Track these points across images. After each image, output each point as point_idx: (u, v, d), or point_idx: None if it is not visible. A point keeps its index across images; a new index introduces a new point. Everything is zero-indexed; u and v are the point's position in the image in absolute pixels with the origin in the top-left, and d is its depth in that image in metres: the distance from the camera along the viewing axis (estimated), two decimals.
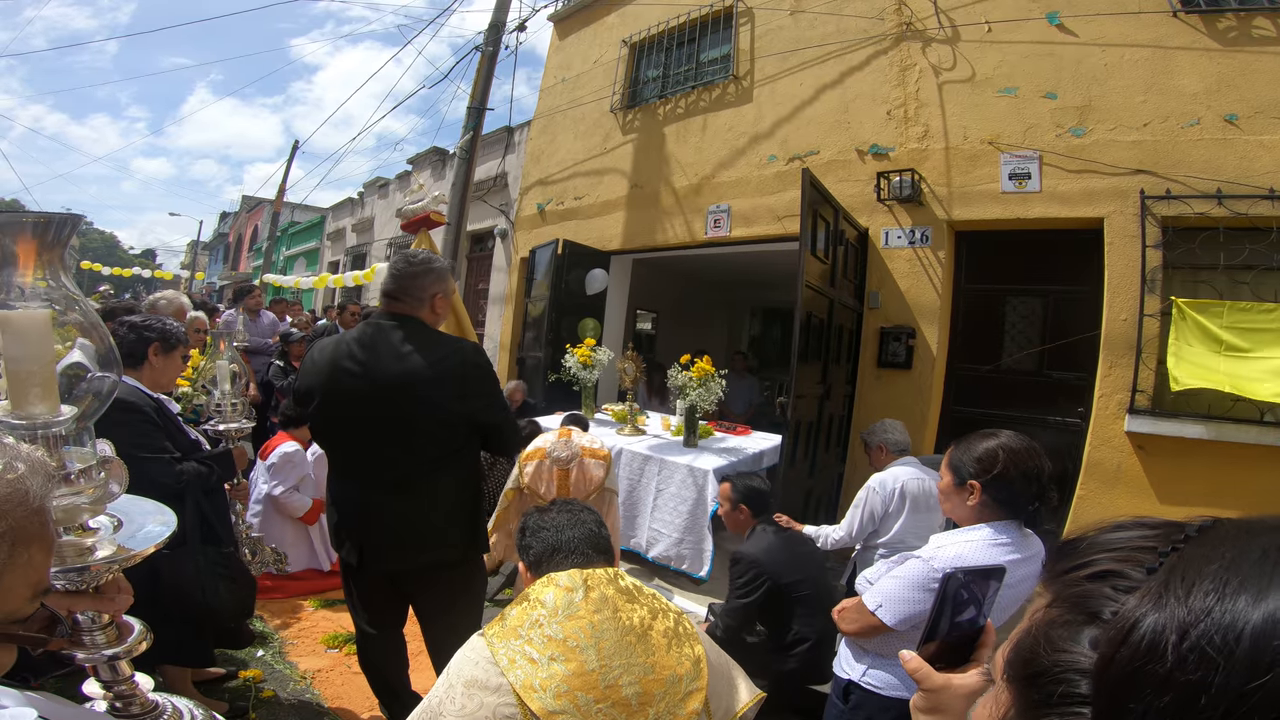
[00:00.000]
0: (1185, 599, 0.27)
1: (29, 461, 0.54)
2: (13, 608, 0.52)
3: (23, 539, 0.51)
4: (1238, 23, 3.33)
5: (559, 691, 0.96)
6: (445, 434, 1.69)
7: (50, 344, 0.73)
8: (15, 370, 0.70)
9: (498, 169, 8.14)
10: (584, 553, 1.18)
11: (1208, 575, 0.27)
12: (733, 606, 2.18)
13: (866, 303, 4.42)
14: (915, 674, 0.66)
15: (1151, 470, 3.34)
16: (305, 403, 1.77)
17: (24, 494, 0.52)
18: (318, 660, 2.52)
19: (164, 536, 0.76)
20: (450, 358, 1.68)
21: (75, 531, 0.71)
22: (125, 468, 0.78)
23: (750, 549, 2.20)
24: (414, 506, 1.68)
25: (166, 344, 1.94)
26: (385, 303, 1.77)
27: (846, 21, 4.72)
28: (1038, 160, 3.81)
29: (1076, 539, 0.37)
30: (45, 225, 0.71)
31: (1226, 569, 0.27)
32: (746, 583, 2.13)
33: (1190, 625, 0.26)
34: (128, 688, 0.78)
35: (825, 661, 2.08)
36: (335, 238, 14.52)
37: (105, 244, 44.84)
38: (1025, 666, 0.33)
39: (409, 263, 1.76)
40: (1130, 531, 0.35)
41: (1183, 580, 0.27)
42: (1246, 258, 3.21)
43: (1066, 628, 0.31)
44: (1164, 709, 0.25)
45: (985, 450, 1.31)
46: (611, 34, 6.60)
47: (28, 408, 0.70)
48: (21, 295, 0.71)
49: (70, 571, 0.68)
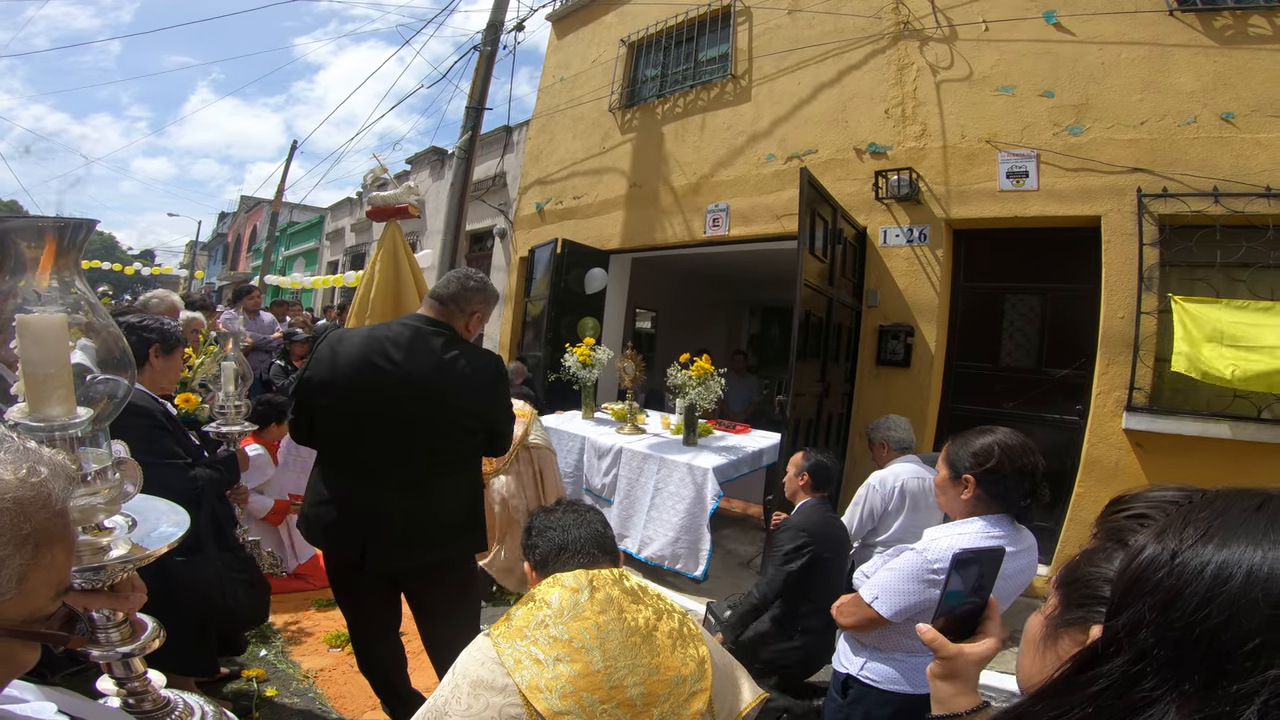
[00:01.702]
0: (1178, 536, 0.36)
1: (51, 465, 0.55)
2: (37, 606, 0.54)
3: (46, 540, 0.53)
4: (1234, 21, 3.35)
5: (565, 692, 0.96)
6: (469, 438, 1.75)
7: (66, 347, 0.74)
8: (33, 373, 0.71)
9: (496, 168, 8.14)
10: (590, 552, 1.19)
11: (1197, 522, 0.37)
12: (775, 576, 2.24)
13: (865, 301, 4.43)
14: (932, 644, 0.75)
15: (1150, 467, 3.36)
16: (316, 394, 1.71)
17: (47, 497, 0.53)
18: (320, 659, 2.53)
19: (177, 536, 0.77)
20: (488, 367, 1.77)
21: (91, 531, 0.73)
22: (139, 468, 0.79)
23: (799, 519, 2.28)
24: (424, 505, 1.69)
25: (166, 345, 1.91)
26: (430, 305, 1.79)
27: (844, 20, 4.73)
28: (1035, 159, 3.83)
29: (1124, 495, 0.50)
30: (62, 229, 0.72)
31: (1210, 520, 0.36)
32: (794, 550, 2.19)
33: (1175, 553, 0.35)
34: (140, 684, 0.79)
35: (824, 656, 2.11)
36: (334, 238, 14.52)
37: (104, 245, 44.72)
38: (1069, 574, 0.46)
39: (470, 277, 1.82)
40: (1166, 491, 0.48)
41: (1181, 523, 0.37)
42: (1243, 255, 3.22)
43: (1102, 551, 0.43)
44: (1153, 606, 0.35)
45: (981, 445, 1.33)
46: (610, 33, 6.61)
47: (46, 410, 0.72)
48: (38, 299, 0.73)
49: (86, 570, 0.70)
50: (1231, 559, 0.32)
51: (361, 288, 3.17)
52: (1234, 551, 0.33)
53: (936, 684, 0.75)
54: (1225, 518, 0.35)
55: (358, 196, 13.34)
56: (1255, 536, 0.33)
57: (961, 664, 0.73)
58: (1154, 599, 0.34)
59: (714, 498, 3.27)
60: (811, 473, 2.31)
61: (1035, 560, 1.41)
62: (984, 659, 0.73)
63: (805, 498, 2.33)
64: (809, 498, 2.32)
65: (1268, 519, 0.34)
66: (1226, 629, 0.31)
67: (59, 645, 0.59)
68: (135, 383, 0.83)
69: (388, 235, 3.18)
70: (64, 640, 0.59)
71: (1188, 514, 0.37)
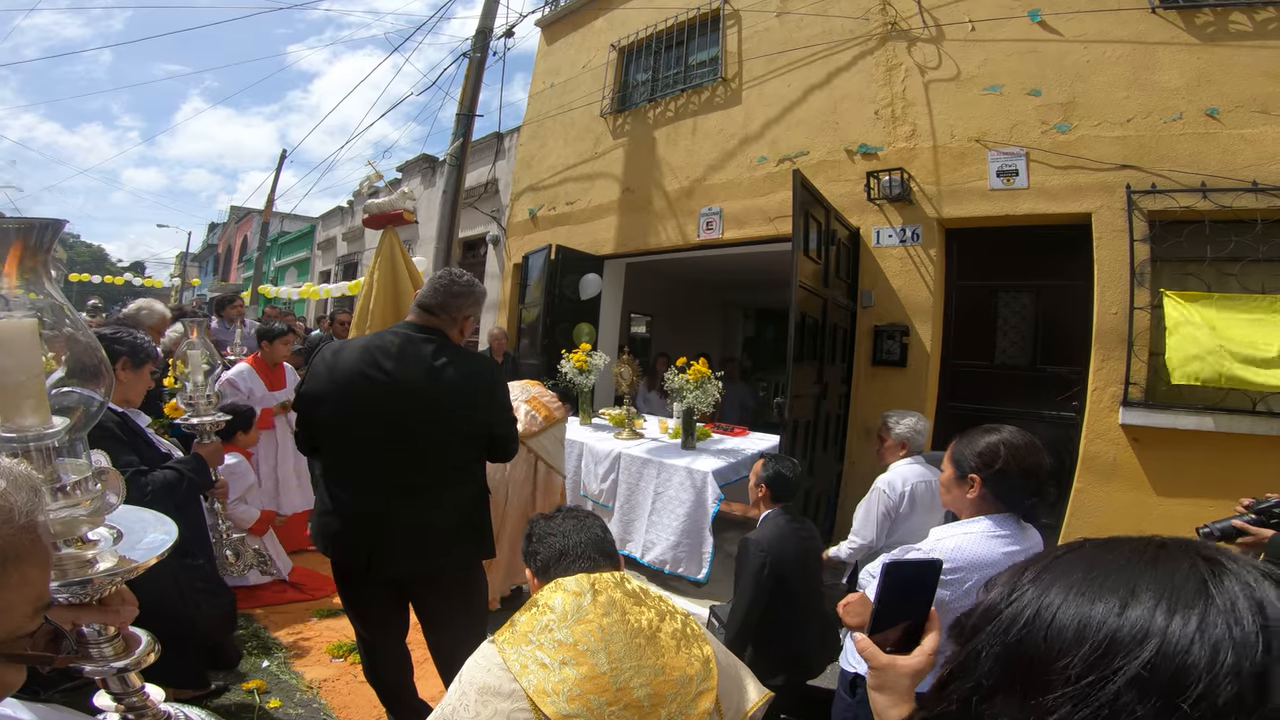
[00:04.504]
0: (1014, 581, 0.45)
1: (10, 476, 0.52)
2: (14, 625, 0.51)
3: (13, 557, 0.50)
4: (1215, 18, 3.39)
5: (572, 695, 0.96)
6: (468, 444, 1.74)
7: (38, 354, 0.71)
8: (4, 382, 0.68)
9: (489, 175, 8.14)
10: (590, 557, 1.19)
11: (1031, 568, 0.45)
12: (738, 606, 2.15)
13: (860, 302, 4.44)
14: (864, 654, 0.76)
15: (1147, 462, 3.37)
16: (314, 407, 1.73)
17: (8, 511, 0.51)
18: (323, 670, 2.49)
19: (166, 547, 0.75)
20: (481, 374, 1.75)
21: (75, 544, 0.70)
22: (122, 478, 0.77)
23: (758, 536, 2.20)
24: (425, 513, 1.68)
25: (135, 359, 1.91)
26: (418, 314, 1.77)
27: (832, 22, 4.76)
28: (1024, 157, 3.86)
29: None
30: (27, 231, 0.69)
31: (1041, 569, 0.44)
32: (757, 572, 2.11)
33: (1012, 591, 0.44)
34: (139, 699, 0.77)
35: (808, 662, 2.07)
36: (326, 247, 14.46)
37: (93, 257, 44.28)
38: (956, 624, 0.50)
39: (454, 280, 1.78)
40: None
41: (1020, 571, 0.45)
42: (1232, 250, 3.25)
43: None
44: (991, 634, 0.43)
45: (987, 445, 1.32)
46: (600, 38, 6.63)
47: (19, 420, 0.69)
48: (6, 305, 0.70)
49: (73, 585, 0.67)
50: (1049, 600, 0.40)
51: (361, 298, 3.15)
52: (1052, 594, 0.41)
53: (873, 695, 0.76)
54: (1055, 563, 0.44)
55: (349, 205, 13.31)
56: (1074, 581, 0.41)
57: (893, 676, 0.74)
58: (992, 628, 0.42)
59: (715, 500, 3.26)
60: (769, 483, 2.26)
61: None
62: (917, 671, 0.74)
63: (766, 509, 2.28)
64: (769, 509, 2.28)
65: (1083, 567, 0.42)
66: (1044, 652, 0.39)
67: (45, 666, 0.57)
68: (113, 390, 0.80)
69: (385, 243, 3.17)
70: (49, 660, 0.57)
71: (1027, 564, 0.46)
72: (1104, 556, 0.42)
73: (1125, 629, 0.36)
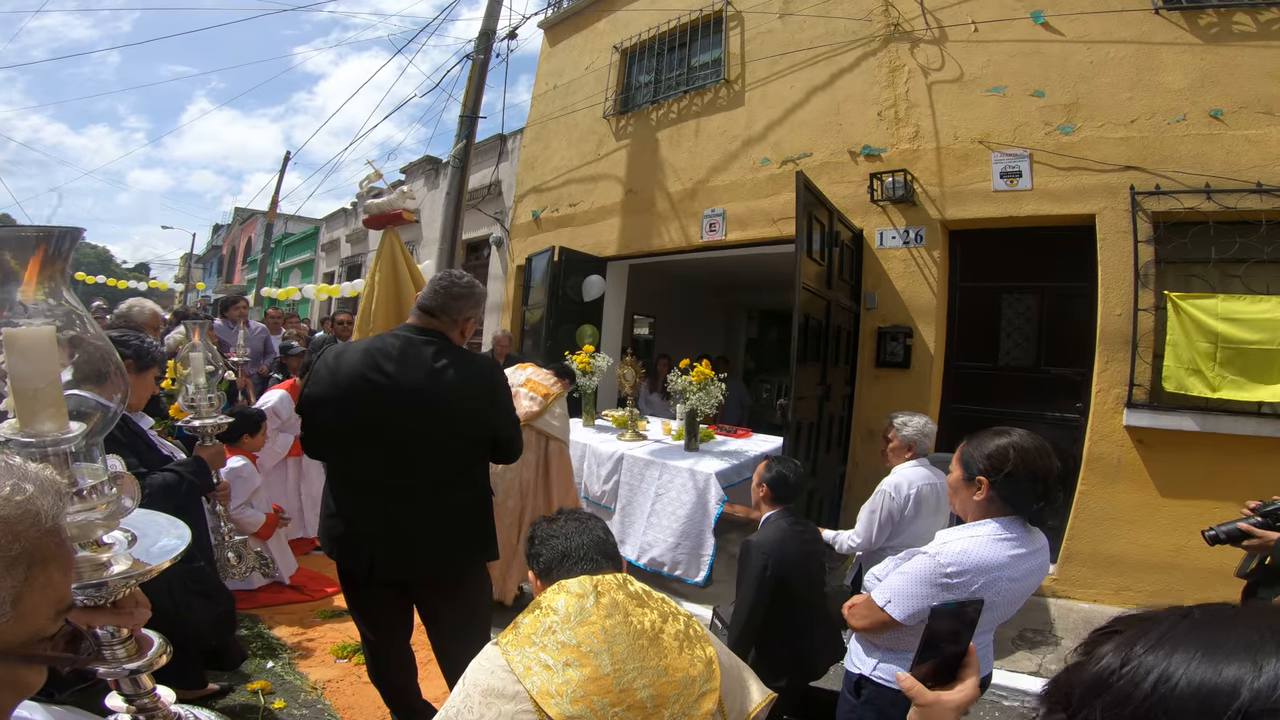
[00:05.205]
0: (1129, 647, 0.42)
1: (37, 481, 0.54)
2: (37, 627, 0.52)
3: (39, 560, 0.51)
4: (1218, 19, 3.38)
5: (575, 696, 0.96)
6: (470, 447, 1.74)
7: (56, 360, 0.72)
8: (22, 388, 0.69)
9: (492, 177, 8.16)
10: (593, 558, 1.19)
11: (1146, 636, 0.42)
12: (740, 609, 2.15)
13: (863, 303, 4.44)
14: (909, 691, 0.77)
15: (1152, 464, 3.36)
16: (317, 410, 1.73)
17: (35, 515, 0.52)
18: (328, 671, 2.51)
19: (179, 550, 0.76)
20: (482, 375, 1.74)
21: (90, 547, 0.71)
22: (137, 482, 0.78)
23: (760, 538, 2.20)
24: (427, 516, 1.68)
25: (141, 363, 1.88)
26: (419, 316, 1.77)
27: (835, 23, 4.76)
28: (1028, 158, 3.85)
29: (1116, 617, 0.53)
30: (46, 239, 0.71)
31: (1159, 634, 0.41)
32: (759, 576, 2.11)
33: (1125, 660, 0.41)
34: (150, 701, 0.78)
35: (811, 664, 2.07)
36: (330, 248, 14.51)
37: (99, 258, 44.47)
38: (1052, 685, 0.47)
39: (454, 282, 1.77)
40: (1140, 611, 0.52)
41: (1135, 636, 0.42)
42: (1237, 251, 3.24)
43: (1079, 665, 0.46)
44: (1105, 705, 0.40)
45: (997, 448, 1.32)
46: (602, 40, 6.65)
47: (36, 425, 0.70)
48: (24, 312, 0.71)
49: (88, 587, 0.68)
50: (1171, 668, 0.38)
51: (363, 299, 3.15)
52: (1174, 662, 0.39)
53: None
54: (1172, 632, 0.41)
55: (352, 207, 13.35)
56: (1195, 649, 0.39)
57: (939, 711, 0.75)
58: (1106, 699, 0.40)
59: (718, 502, 3.25)
60: (771, 485, 2.26)
61: (1046, 562, 1.40)
62: (961, 706, 0.75)
63: (768, 510, 2.28)
64: (771, 510, 2.28)
65: (1205, 633, 0.40)
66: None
67: (65, 666, 0.58)
68: (128, 396, 0.81)
69: (385, 244, 3.16)
70: (70, 661, 0.58)
71: (1142, 627, 0.43)
72: (1223, 625, 0.41)
73: (1260, 698, 0.35)
